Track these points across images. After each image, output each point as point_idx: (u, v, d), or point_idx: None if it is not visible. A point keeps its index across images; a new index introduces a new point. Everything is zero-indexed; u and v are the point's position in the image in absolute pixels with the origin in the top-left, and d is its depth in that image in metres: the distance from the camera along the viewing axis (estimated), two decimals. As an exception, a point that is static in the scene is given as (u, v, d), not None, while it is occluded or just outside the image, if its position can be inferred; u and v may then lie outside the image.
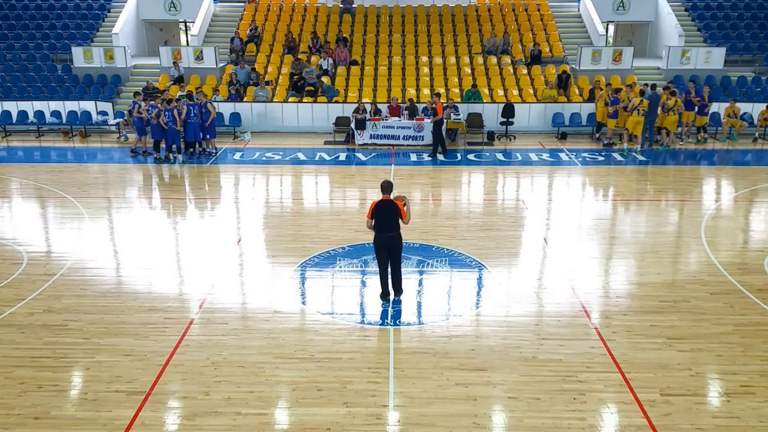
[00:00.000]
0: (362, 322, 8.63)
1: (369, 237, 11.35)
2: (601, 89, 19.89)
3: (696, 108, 19.06)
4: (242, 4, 26.43)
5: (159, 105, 17.13)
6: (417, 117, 18.97)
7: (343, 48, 23.02)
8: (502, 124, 19.87)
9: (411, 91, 21.49)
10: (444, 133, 18.90)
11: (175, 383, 7.22)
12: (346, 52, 23.08)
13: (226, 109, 20.70)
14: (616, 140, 18.92)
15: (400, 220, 8.82)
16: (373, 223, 8.82)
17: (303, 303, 9.19)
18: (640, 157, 17.71)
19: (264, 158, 17.87)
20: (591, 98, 20.66)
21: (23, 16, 25.14)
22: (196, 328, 8.45)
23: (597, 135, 19.76)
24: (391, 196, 8.84)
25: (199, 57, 22.62)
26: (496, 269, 10.30)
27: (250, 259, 10.91)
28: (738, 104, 19.96)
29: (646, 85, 19.14)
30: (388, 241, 8.81)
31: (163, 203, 14.21)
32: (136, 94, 18.69)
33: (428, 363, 7.60)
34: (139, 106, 17.66)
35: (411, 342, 8.12)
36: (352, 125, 18.99)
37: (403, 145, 18.60)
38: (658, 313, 8.85)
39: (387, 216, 8.74)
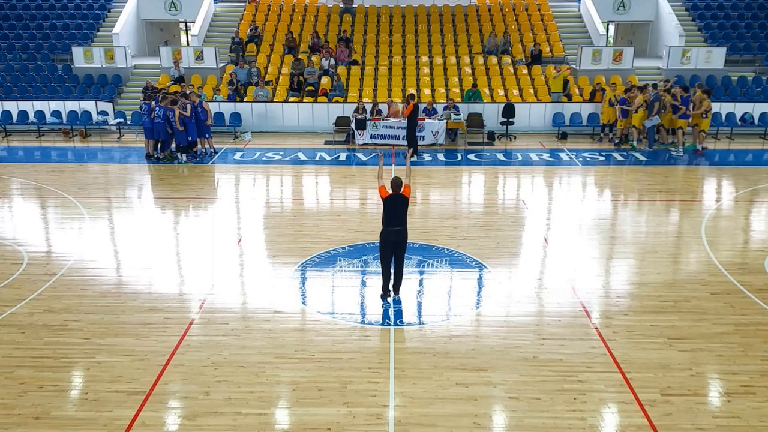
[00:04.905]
0: (363, 322, 8.63)
1: (370, 237, 11.41)
2: (605, 89, 19.87)
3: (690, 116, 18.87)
4: (242, 4, 26.43)
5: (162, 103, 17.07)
6: (418, 117, 18.94)
7: (344, 48, 23.03)
8: (502, 124, 19.86)
9: (411, 91, 21.47)
10: (443, 133, 18.97)
11: (176, 383, 7.22)
12: (347, 51, 23.08)
13: (226, 109, 20.71)
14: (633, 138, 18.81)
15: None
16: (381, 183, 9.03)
17: (303, 303, 9.19)
18: (641, 157, 17.72)
19: (264, 158, 17.87)
20: (592, 98, 20.66)
21: (24, 16, 25.14)
22: (196, 328, 8.46)
23: (611, 136, 19.66)
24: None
25: (199, 57, 22.62)
26: (497, 269, 10.30)
27: (251, 259, 10.91)
28: (735, 103, 19.76)
29: (647, 84, 19.14)
30: (395, 236, 8.83)
31: (163, 203, 14.21)
32: (163, 98, 17.21)
33: (429, 363, 7.60)
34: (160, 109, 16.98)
35: (411, 342, 8.12)
36: (353, 125, 19.00)
37: (404, 145, 18.56)
38: (659, 313, 8.85)
39: (396, 209, 8.79)
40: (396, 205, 8.82)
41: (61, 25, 24.84)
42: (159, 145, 17.60)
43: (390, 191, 8.90)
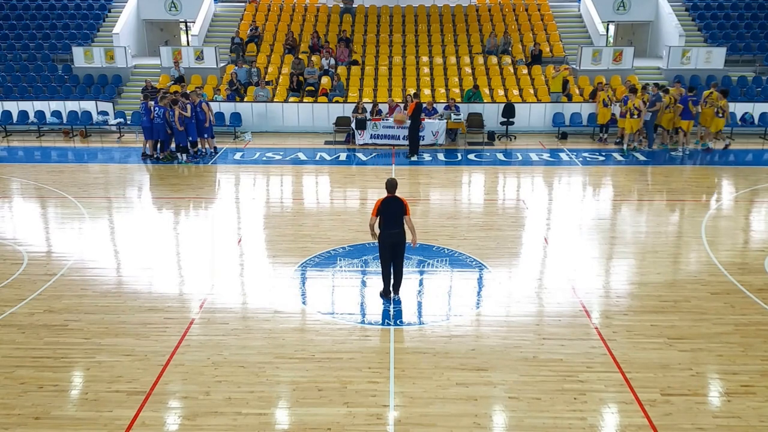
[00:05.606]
0: (363, 322, 8.63)
1: (369, 237, 11.37)
2: (604, 89, 19.88)
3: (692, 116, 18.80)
4: (242, 4, 26.44)
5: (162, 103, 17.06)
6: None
7: (344, 48, 23.03)
8: (502, 124, 19.87)
9: (411, 91, 21.47)
10: (443, 133, 18.98)
11: (176, 383, 7.23)
12: (347, 51, 23.09)
13: (226, 109, 20.71)
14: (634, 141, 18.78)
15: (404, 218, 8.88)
16: (376, 221, 8.87)
17: (303, 303, 9.19)
18: (641, 157, 17.72)
19: (264, 158, 17.87)
20: (593, 97, 20.63)
21: (24, 16, 25.15)
22: (196, 328, 8.46)
23: (605, 136, 19.70)
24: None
25: (199, 57, 22.63)
26: (497, 269, 10.30)
27: (251, 259, 10.91)
28: (735, 104, 19.71)
29: (647, 84, 19.13)
30: (393, 238, 8.83)
31: (163, 203, 14.21)
32: (162, 98, 17.21)
33: (429, 363, 7.60)
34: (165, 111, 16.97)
35: (411, 342, 8.12)
36: (353, 125, 19.00)
37: (404, 145, 18.54)
38: (659, 312, 8.85)
39: (392, 212, 8.78)
40: (392, 208, 8.79)
41: (61, 25, 24.84)
42: (159, 145, 17.60)
43: (384, 197, 8.84)
